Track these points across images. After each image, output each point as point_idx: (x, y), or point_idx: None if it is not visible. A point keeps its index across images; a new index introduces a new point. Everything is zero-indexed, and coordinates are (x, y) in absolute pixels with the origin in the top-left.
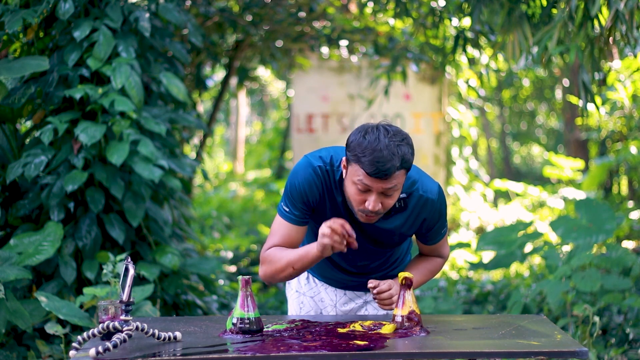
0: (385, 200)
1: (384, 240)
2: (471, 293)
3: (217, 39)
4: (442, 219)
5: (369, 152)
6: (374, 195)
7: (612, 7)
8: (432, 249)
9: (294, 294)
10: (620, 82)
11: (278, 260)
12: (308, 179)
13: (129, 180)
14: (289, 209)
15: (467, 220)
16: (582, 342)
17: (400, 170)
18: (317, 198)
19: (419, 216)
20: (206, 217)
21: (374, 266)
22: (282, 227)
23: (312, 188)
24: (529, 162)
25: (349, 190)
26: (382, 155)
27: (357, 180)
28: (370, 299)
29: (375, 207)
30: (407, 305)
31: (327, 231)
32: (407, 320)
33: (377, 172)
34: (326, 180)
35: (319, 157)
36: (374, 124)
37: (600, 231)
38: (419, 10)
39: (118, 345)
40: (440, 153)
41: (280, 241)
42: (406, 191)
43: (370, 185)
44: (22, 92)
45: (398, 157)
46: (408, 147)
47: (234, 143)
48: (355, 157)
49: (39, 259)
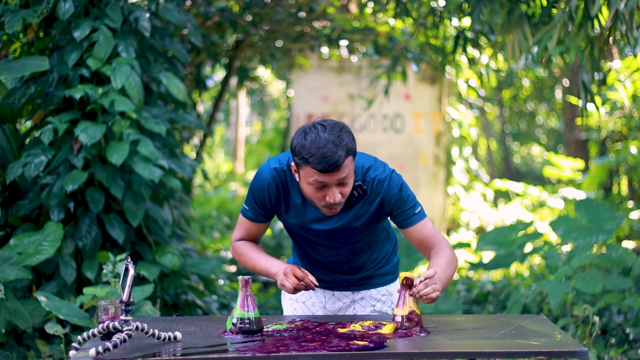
0: (342, 190)
1: (356, 227)
2: (471, 293)
3: (217, 39)
4: (404, 197)
5: (314, 151)
6: (332, 188)
7: (612, 7)
8: (421, 236)
9: (287, 302)
10: (620, 82)
11: (246, 259)
12: (265, 181)
13: (129, 180)
14: (248, 207)
15: (467, 220)
16: (582, 342)
17: (348, 157)
18: (273, 199)
19: (376, 197)
20: (206, 217)
21: (359, 263)
22: (243, 222)
23: (269, 189)
24: (529, 162)
25: (307, 191)
26: (327, 150)
27: (312, 181)
28: (358, 298)
29: (335, 199)
30: (408, 305)
31: (285, 277)
32: (407, 321)
33: (328, 166)
34: (283, 180)
35: (277, 159)
36: (310, 123)
37: (601, 231)
38: (419, 10)
39: (118, 345)
40: (440, 153)
41: (244, 235)
42: (362, 178)
43: (325, 181)
44: (22, 92)
45: (342, 147)
46: (347, 134)
47: (234, 143)
48: (303, 159)
49: (39, 259)
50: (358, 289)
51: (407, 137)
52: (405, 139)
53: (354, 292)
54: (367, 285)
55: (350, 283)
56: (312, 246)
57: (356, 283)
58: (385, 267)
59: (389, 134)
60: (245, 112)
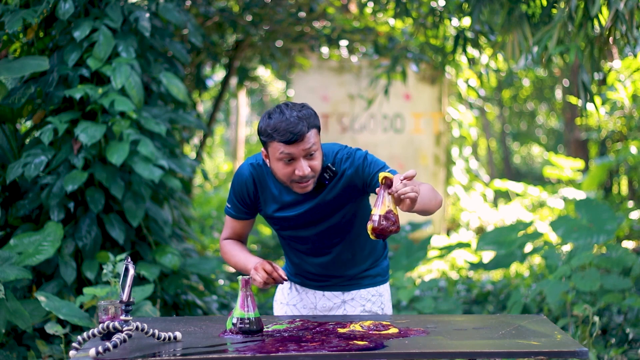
0: (311, 163)
1: (336, 208)
2: (471, 293)
3: (217, 39)
4: (369, 161)
5: (278, 125)
6: (299, 160)
7: (612, 7)
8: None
9: (278, 306)
10: (620, 82)
11: (228, 257)
12: (242, 177)
13: (129, 180)
14: (230, 205)
15: (467, 220)
16: (582, 342)
17: (312, 130)
18: (252, 194)
19: (344, 173)
20: (206, 217)
21: (346, 259)
22: (228, 221)
23: (247, 185)
24: (529, 162)
25: (276, 169)
26: (290, 122)
27: (279, 155)
28: (348, 298)
29: (304, 170)
30: (385, 205)
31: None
32: (384, 220)
33: (292, 136)
34: (259, 173)
35: (254, 157)
36: (274, 107)
37: (601, 231)
38: (419, 9)
39: (118, 345)
40: (440, 153)
41: (230, 234)
42: (332, 162)
43: (292, 152)
44: (22, 92)
45: (304, 119)
46: (310, 110)
47: (234, 143)
48: (269, 136)
49: (39, 259)
50: (348, 289)
51: (407, 137)
52: (405, 139)
53: (344, 293)
54: (356, 285)
55: (339, 282)
56: (298, 240)
57: (346, 283)
58: (374, 269)
59: (389, 134)
60: (245, 112)
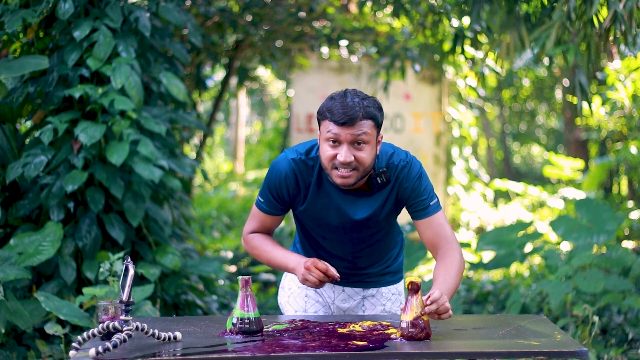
0: (356, 153)
1: (372, 218)
2: (471, 293)
3: (217, 39)
4: (422, 185)
5: (336, 106)
6: (344, 146)
7: (611, 8)
8: (432, 231)
9: (296, 291)
10: (621, 82)
11: (259, 252)
12: (282, 171)
13: (129, 180)
14: (263, 200)
15: (467, 220)
16: (582, 342)
17: (366, 120)
18: (292, 190)
19: (400, 185)
20: (206, 217)
21: (373, 258)
22: (258, 215)
23: (286, 181)
24: (529, 162)
25: (322, 149)
26: (347, 104)
27: (327, 135)
28: (369, 295)
29: (346, 158)
30: (413, 311)
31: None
32: (411, 327)
33: (343, 117)
34: (302, 170)
35: (294, 150)
36: (342, 90)
37: (601, 231)
38: (418, 8)
39: (118, 345)
40: (440, 153)
41: (258, 227)
42: (385, 165)
43: (339, 134)
44: (21, 92)
45: (362, 106)
46: (373, 102)
47: (234, 143)
48: (323, 114)
49: (39, 259)
50: (369, 286)
51: (407, 137)
52: (405, 139)
53: (364, 289)
54: (378, 282)
55: (362, 279)
56: (326, 239)
57: (368, 279)
58: (394, 264)
59: (389, 134)
60: (245, 112)
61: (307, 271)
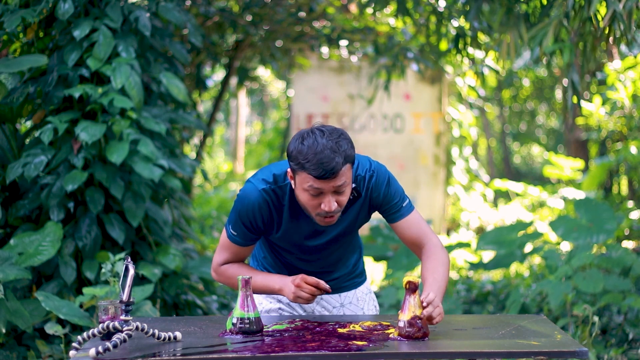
0: (339, 198)
1: (347, 231)
2: (471, 293)
3: (217, 39)
4: (392, 190)
5: (311, 157)
6: (327, 196)
7: (610, 8)
8: (410, 232)
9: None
10: (621, 82)
11: (235, 281)
12: (255, 203)
13: (129, 180)
14: (237, 233)
15: (467, 220)
16: (582, 342)
17: (346, 165)
18: (266, 219)
19: (371, 194)
20: (206, 217)
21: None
22: (230, 246)
23: (260, 211)
24: (529, 162)
25: (302, 198)
26: (325, 156)
27: (307, 187)
28: (347, 302)
29: (331, 207)
30: (410, 311)
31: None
32: (409, 326)
33: (324, 173)
34: (273, 199)
35: (261, 179)
36: (308, 128)
37: (601, 231)
38: (419, 8)
39: (118, 345)
40: (440, 153)
41: (230, 258)
42: (354, 179)
43: (321, 188)
44: (21, 92)
45: (340, 153)
46: (346, 141)
47: (234, 143)
48: (299, 165)
49: (39, 259)
50: (342, 291)
51: (407, 137)
52: (405, 139)
53: (340, 295)
54: (350, 286)
55: (334, 285)
56: (299, 258)
57: (342, 284)
58: (359, 265)
59: (389, 134)
60: (245, 112)
61: (298, 289)
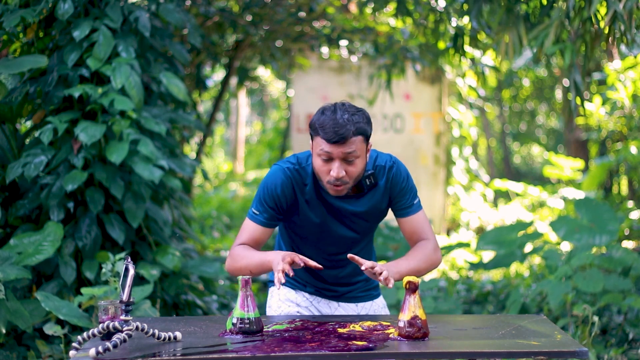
0: (348, 168)
1: (366, 218)
2: (471, 293)
3: (217, 39)
4: (408, 185)
5: (326, 123)
6: (336, 162)
7: (611, 8)
8: (413, 228)
9: (283, 304)
10: (621, 82)
11: (240, 260)
12: (279, 180)
13: (129, 180)
14: (259, 211)
15: (467, 220)
16: (582, 342)
17: (357, 136)
18: (289, 198)
19: (392, 183)
20: (206, 217)
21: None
22: (250, 228)
23: (285, 189)
24: (529, 162)
25: (316, 164)
26: (337, 123)
27: (319, 151)
28: (363, 312)
29: (338, 173)
30: (410, 310)
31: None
32: (408, 326)
33: (334, 136)
34: (297, 178)
35: (286, 161)
36: (332, 103)
37: (603, 232)
38: (419, 8)
39: (118, 345)
40: (440, 153)
41: (248, 239)
42: (372, 167)
43: (331, 152)
44: (21, 91)
45: (352, 123)
46: (362, 116)
47: (234, 143)
48: (315, 130)
49: (39, 259)
50: (360, 301)
51: (407, 137)
52: (405, 139)
53: (357, 305)
54: (367, 296)
55: (354, 293)
56: (315, 247)
57: (359, 293)
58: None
59: (389, 134)
60: (245, 112)
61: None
